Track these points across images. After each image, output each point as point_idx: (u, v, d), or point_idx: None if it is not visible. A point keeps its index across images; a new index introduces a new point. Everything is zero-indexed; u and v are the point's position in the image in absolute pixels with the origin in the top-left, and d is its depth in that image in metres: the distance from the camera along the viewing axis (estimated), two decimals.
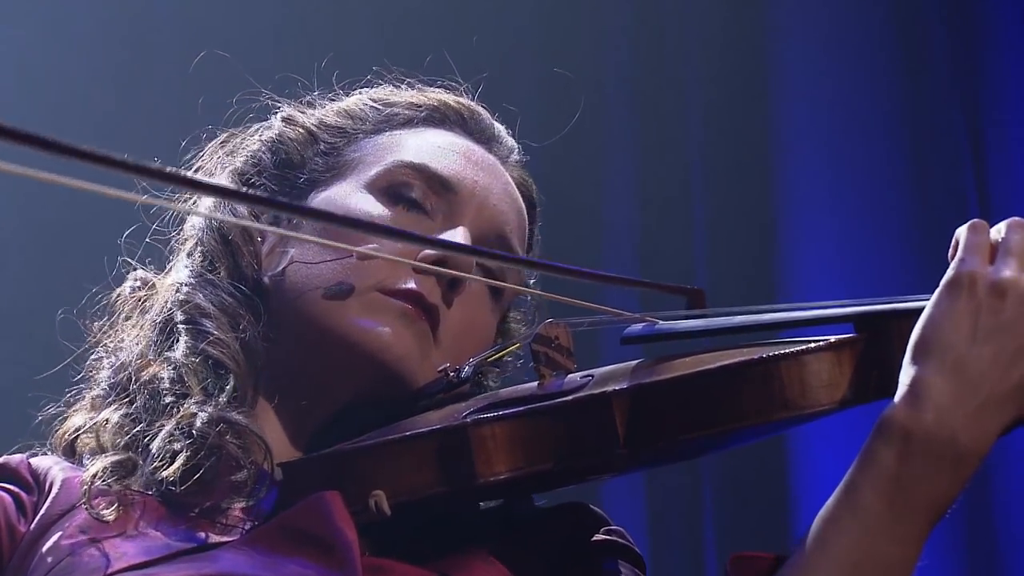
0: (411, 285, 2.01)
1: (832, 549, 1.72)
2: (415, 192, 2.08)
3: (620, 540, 2.05)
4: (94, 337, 2.13)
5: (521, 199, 2.18)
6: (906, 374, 1.71)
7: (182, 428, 1.95)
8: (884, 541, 1.71)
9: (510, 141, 2.23)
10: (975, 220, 1.78)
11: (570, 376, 1.91)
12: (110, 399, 2.04)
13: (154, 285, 2.12)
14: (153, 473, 1.92)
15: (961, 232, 1.76)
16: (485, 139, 2.19)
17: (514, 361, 2.18)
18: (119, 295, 2.14)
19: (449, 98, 2.21)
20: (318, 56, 2.33)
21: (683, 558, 4.10)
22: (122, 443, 1.97)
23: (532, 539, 1.98)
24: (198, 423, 1.94)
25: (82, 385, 2.11)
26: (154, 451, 1.93)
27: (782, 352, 1.74)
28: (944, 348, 1.70)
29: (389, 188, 2.08)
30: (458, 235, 2.05)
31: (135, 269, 2.15)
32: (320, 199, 2.10)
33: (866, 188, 4.29)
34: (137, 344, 2.07)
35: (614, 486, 3.98)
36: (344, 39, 3.90)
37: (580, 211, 4.19)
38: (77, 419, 2.05)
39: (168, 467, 1.91)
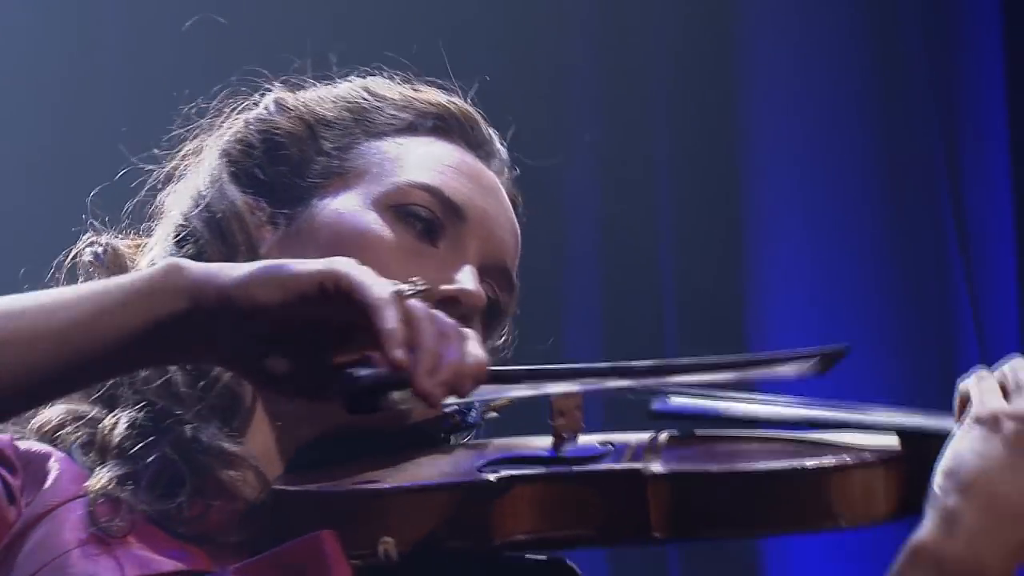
0: None
1: None
2: (425, 215, 2.02)
3: None
4: None
5: (515, 219, 2.14)
6: (936, 500, 1.77)
7: (180, 453, 1.90)
8: None
9: (504, 154, 2.17)
10: (978, 371, 1.85)
11: (584, 439, 1.87)
12: (92, 394, 1.98)
13: (120, 257, 2.04)
14: (151, 494, 1.89)
15: (969, 383, 1.84)
16: (486, 154, 2.13)
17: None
18: (75, 258, 2.05)
19: (450, 103, 2.14)
20: (311, 34, 2.29)
21: None
22: (126, 452, 1.92)
23: None
24: (196, 452, 1.90)
25: None
26: (152, 472, 1.90)
27: (837, 463, 1.76)
28: (974, 477, 1.76)
29: (399, 208, 2.02)
30: (470, 272, 2.01)
31: (94, 231, 2.08)
32: (327, 210, 2.03)
33: (837, 193, 4.27)
34: None
35: None
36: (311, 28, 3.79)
37: (540, 220, 4.13)
38: (54, 410, 1.96)
39: (166, 492, 1.88)
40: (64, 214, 2.11)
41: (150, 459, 1.89)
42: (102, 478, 1.88)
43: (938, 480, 1.77)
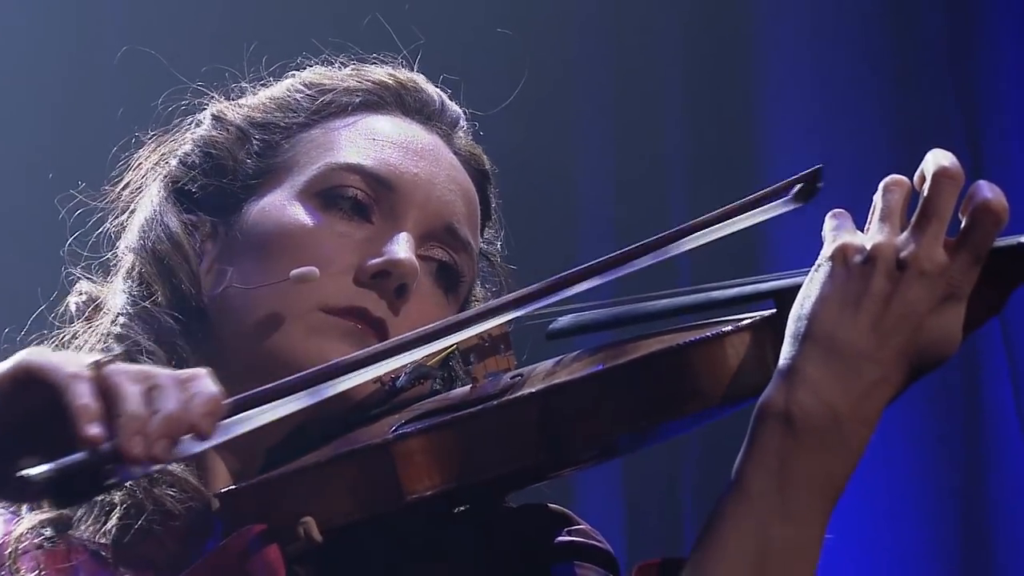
0: (354, 301, 1.96)
1: (728, 542, 1.69)
2: (352, 195, 2.01)
3: (585, 540, 1.96)
4: None
5: (469, 177, 2.10)
6: (783, 355, 1.69)
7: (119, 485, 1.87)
8: (779, 525, 1.68)
9: (454, 110, 2.14)
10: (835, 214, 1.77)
11: (504, 377, 1.88)
12: None
13: (99, 302, 2.06)
14: (88, 529, 1.89)
15: (827, 219, 1.77)
16: (426, 116, 2.11)
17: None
18: (65, 311, 2.09)
19: (384, 76, 2.12)
20: (247, 38, 2.26)
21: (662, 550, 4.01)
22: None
23: (492, 548, 1.91)
24: (139, 485, 1.89)
25: None
26: (94, 507, 1.90)
27: (696, 338, 1.73)
28: (816, 324, 1.69)
29: (324, 193, 2.01)
30: (401, 240, 1.98)
31: (79, 280, 2.10)
32: (255, 210, 2.03)
33: (856, 189, 4.16)
34: None
35: (591, 483, 3.98)
36: (271, 16, 3.83)
37: (554, 220, 4.15)
38: None
39: (104, 524, 1.88)
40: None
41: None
42: (21, 527, 1.87)
43: (787, 330, 1.70)
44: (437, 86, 2.14)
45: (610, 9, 4.32)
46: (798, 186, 1.82)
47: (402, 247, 1.96)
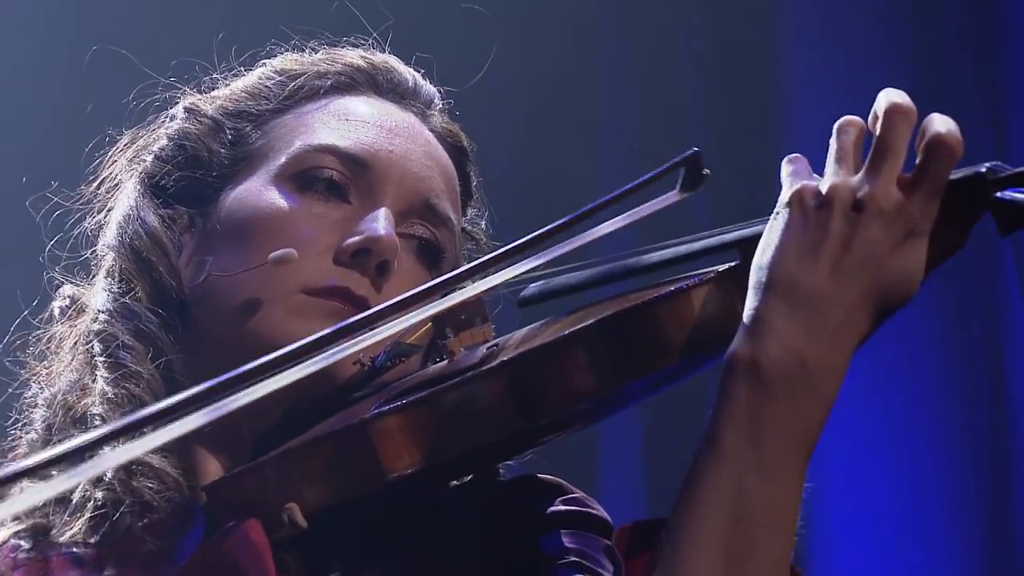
0: (335, 280, 1.94)
1: (705, 499, 1.66)
2: (328, 175, 1.99)
3: (579, 508, 1.92)
4: (29, 369, 2.07)
5: (446, 154, 2.09)
6: (747, 306, 1.67)
7: (96, 483, 1.88)
8: (755, 479, 1.65)
9: (428, 89, 2.13)
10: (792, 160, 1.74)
11: (480, 349, 1.87)
12: (43, 443, 1.98)
13: (82, 303, 2.05)
14: (65, 533, 1.89)
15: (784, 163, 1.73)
16: (399, 95, 2.09)
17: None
18: (50, 314, 2.08)
19: (356, 58, 2.11)
20: (215, 29, 2.21)
21: None
22: (38, 508, 1.92)
23: (484, 522, 1.89)
24: (109, 475, 1.88)
25: (18, 427, 2.04)
26: (71, 506, 1.90)
27: (661, 294, 1.71)
28: (777, 272, 1.66)
29: (299, 176, 2.00)
30: (380, 217, 1.96)
31: (62, 284, 2.09)
32: (231, 199, 2.02)
33: None
34: (68, 374, 2.01)
35: (612, 463, 3.96)
36: (240, 5, 3.81)
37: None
38: None
39: (78, 523, 1.87)
40: None
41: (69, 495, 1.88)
42: (1, 536, 1.89)
43: (749, 280, 1.68)
44: (410, 66, 2.13)
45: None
46: (681, 174, 1.78)
47: (381, 223, 1.95)
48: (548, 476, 1.94)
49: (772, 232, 1.68)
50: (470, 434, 1.76)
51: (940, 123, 1.66)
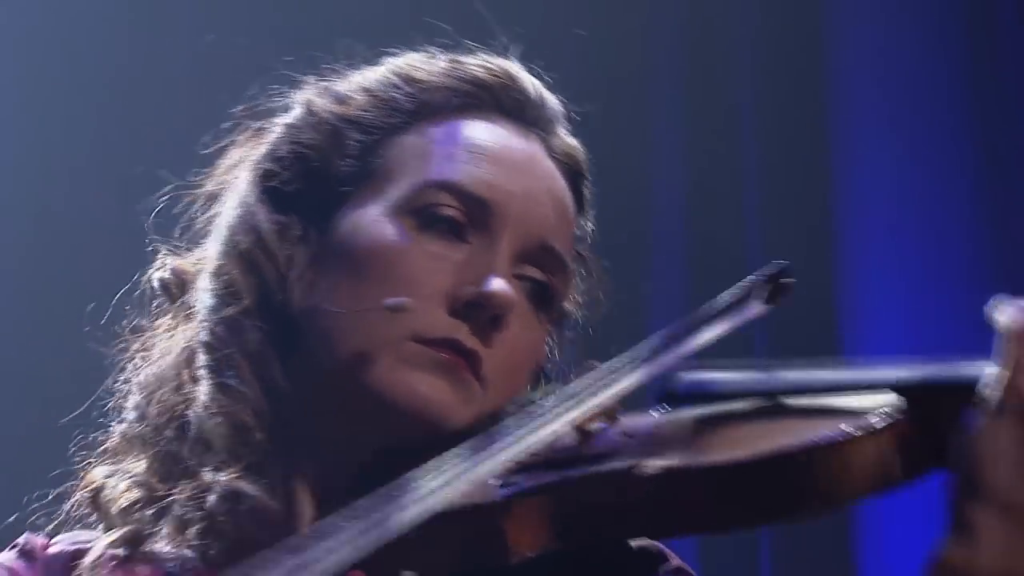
0: (447, 332, 1.88)
1: None
2: (447, 214, 1.93)
3: None
4: (121, 345, 2.02)
5: (566, 182, 2.03)
6: (956, 506, 1.56)
7: (196, 500, 1.86)
8: None
9: (554, 106, 2.05)
10: (1015, 313, 1.59)
11: (611, 433, 1.81)
12: (134, 436, 1.96)
13: (185, 278, 2.01)
14: (166, 543, 1.87)
15: (1003, 330, 1.57)
16: (523, 115, 2.02)
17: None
18: (147, 284, 2.03)
19: (480, 71, 2.03)
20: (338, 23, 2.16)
21: None
22: (133, 513, 1.90)
23: None
24: (211, 498, 1.85)
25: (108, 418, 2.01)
26: (167, 524, 1.87)
27: (821, 441, 1.61)
28: (990, 480, 1.54)
29: (419, 212, 1.93)
30: (497, 267, 1.91)
31: (161, 252, 2.04)
32: (349, 222, 1.95)
33: (933, 187, 4.17)
34: (165, 359, 1.98)
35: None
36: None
37: (627, 225, 4.11)
38: (100, 469, 1.96)
39: (178, 545, 1.85)
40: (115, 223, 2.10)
41: (163, 507, 1.87)
42: (92, 554, 1.88)
43: (958, 479, 1.56)
44: (533, 75, 2.07)
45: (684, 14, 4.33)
46: (768, 288, 1.74)
47: (498, 278, 1.90)
48: (647, 542, 1.91)
49: (994, 435, 1.56)
50: (603, 528, 1.72)
51: None
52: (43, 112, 3.82)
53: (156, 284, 2.03)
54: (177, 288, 2.02)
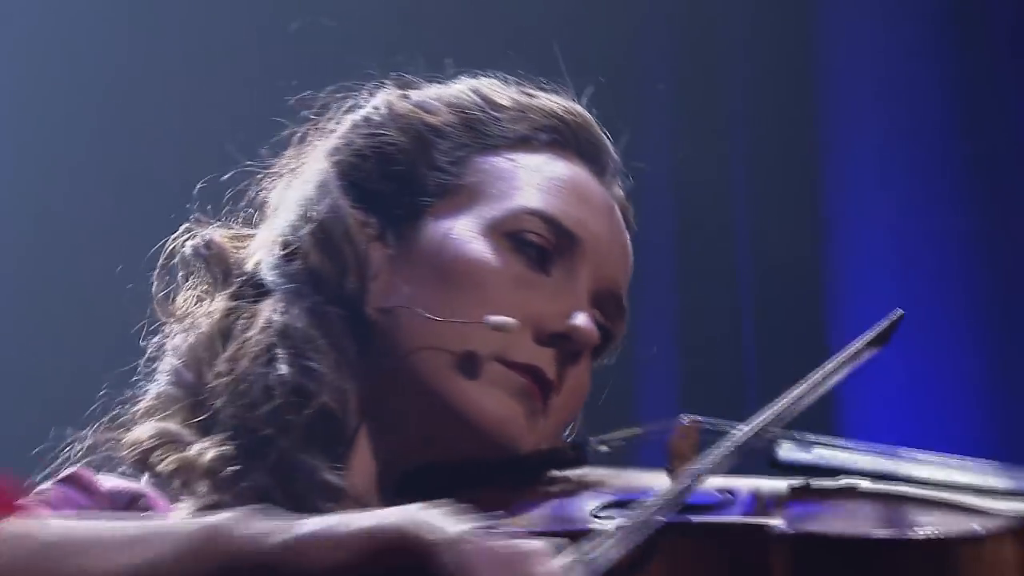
0: (532, 359, 1.92)
1: None
2: (538, 243, 1.96)
3: None
4: (154, 314, 2.01)
5: (628, 237, 2.07)
6: None
7: (279, 481, 1.84)
8: None
9: (616, 159, 2.09)
10: None
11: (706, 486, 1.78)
12: (181, 404, 1.93)
13: (224, 250, 2.00)
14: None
15: None
16: (600, 168, 2.06)
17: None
18: (174, 251, 2.02)
19: (565, 112, 2.07)
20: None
21: None
22: (217, 478, 1.86)
23: None
24: (296, 481, 1.84)
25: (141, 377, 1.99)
26: (244, 501, 1.79)
27: (966, 534, 1.63)
28: None
29: (514, 236, 1.96)
30: (584, 304, 1.94)
31: (196, 220, 2.05)
32: (437, 231, 1.97)
33: (924, 188, 4.19)
34: (209, 329, 1.96)
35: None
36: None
37: None
38: (146, 428, 1.92)
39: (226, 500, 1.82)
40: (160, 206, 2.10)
41: (242, 487, 1.84)
42: (186, 509, 1.83)
43: None
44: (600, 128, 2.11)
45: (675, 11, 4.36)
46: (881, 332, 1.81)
47: (585, 315, 1.93)
48: None
49: None
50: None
51: None
52: (43, 112, 3.82)
53: (189, 251, 2.02)
54: (215, 260, 2.01)
